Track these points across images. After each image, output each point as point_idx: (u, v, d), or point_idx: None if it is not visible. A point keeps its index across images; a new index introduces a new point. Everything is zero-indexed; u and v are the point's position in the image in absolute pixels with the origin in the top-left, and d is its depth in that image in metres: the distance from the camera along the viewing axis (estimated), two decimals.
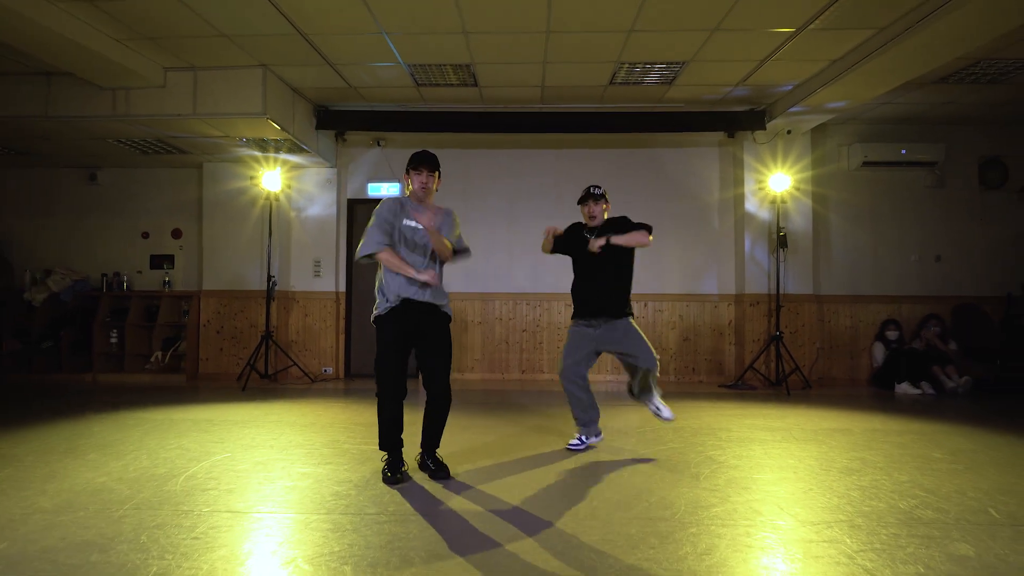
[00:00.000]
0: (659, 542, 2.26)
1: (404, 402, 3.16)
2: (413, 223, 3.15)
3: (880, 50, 4.83)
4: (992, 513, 2.63)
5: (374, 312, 3.20)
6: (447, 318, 3.23)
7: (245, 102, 5.68)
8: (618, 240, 3.55)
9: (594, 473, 3.26)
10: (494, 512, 2.61)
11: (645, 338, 3.71)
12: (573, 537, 2.32)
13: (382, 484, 3.01)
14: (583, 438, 3.80)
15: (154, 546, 2.19)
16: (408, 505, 2.69)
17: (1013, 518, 2.56)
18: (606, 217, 3.80)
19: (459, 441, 3.99)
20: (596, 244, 3.53)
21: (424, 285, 3.10)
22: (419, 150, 3.25)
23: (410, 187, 3.22)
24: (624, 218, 3.77)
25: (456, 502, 2.75)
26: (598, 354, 3.79)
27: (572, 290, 3.86)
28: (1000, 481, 3.12)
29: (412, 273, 3.05)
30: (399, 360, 3.10)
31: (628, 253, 3.73)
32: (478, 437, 4.16)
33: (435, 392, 3.15)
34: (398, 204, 3.20)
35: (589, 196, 3.77)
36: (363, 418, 4.81)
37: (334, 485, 2.98)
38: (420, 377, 3.20)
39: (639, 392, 3.87)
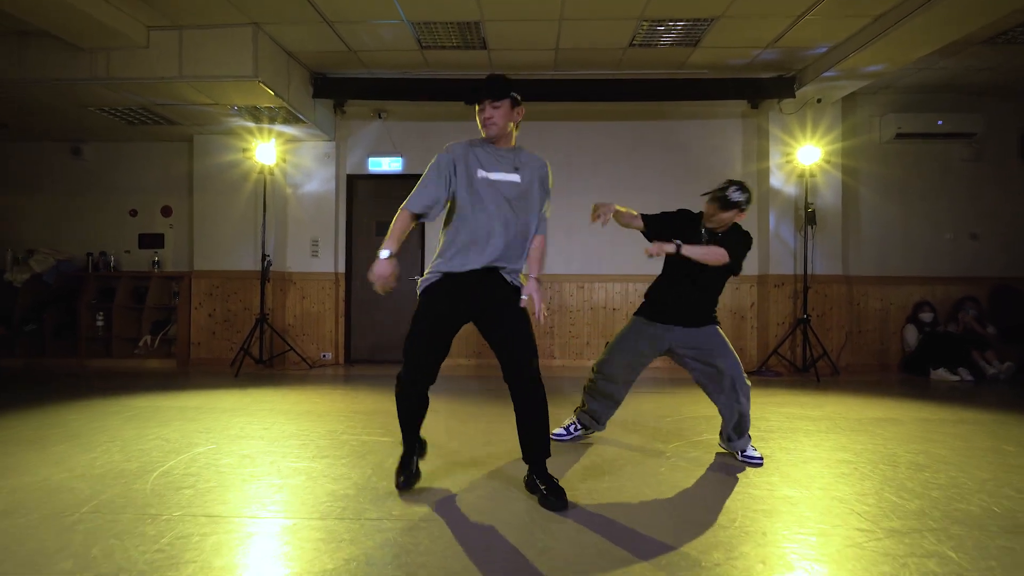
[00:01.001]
0: (724, 557, 1.86)
1: (430, 392, 2.52)
2: (494, 175, 2.42)
3: (931, 2, 4.36)
4: None
5: (419, 282, 2.48)
6: (514, 291, 2.46)
7: (234, 64, 5.23)
8: (689, 252, 2.76)
9: (628, 470, 2.86)
10: (516, 518, 2.21)
11: (732, 349, 3.02)
12: (615, 548, 1.92)
13: (386, 479, 2.61)
14: (572, 428, 3.36)
15: (106, 562, 1.79)
16: (416, 507, 2.29)
17: None
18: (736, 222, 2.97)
19: (470, 432, 3.60)
20: (663, 248, 2.75)
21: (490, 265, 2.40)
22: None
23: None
24: (734, 228, 2.99)
25: (470, 503, 2.35)
26: (663, 353, 3.12)
27: (651, 287, 3.20)
28: None
29: (383, 255, 2.33)
30: (435, 341, 2.41)
31: (719, 269, 2.92)
32: (492, 426, 3.76)
33: (517, 382, 2.39)
34: (465, 148, 2.45)
35: (728, 203, 2.85)
36: (363, 406, 4.42)
37: (329, 483, 2.58)
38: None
39: (735, 437, 3.06)
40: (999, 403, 4.78)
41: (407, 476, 2.49)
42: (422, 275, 2.49)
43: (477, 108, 2.44)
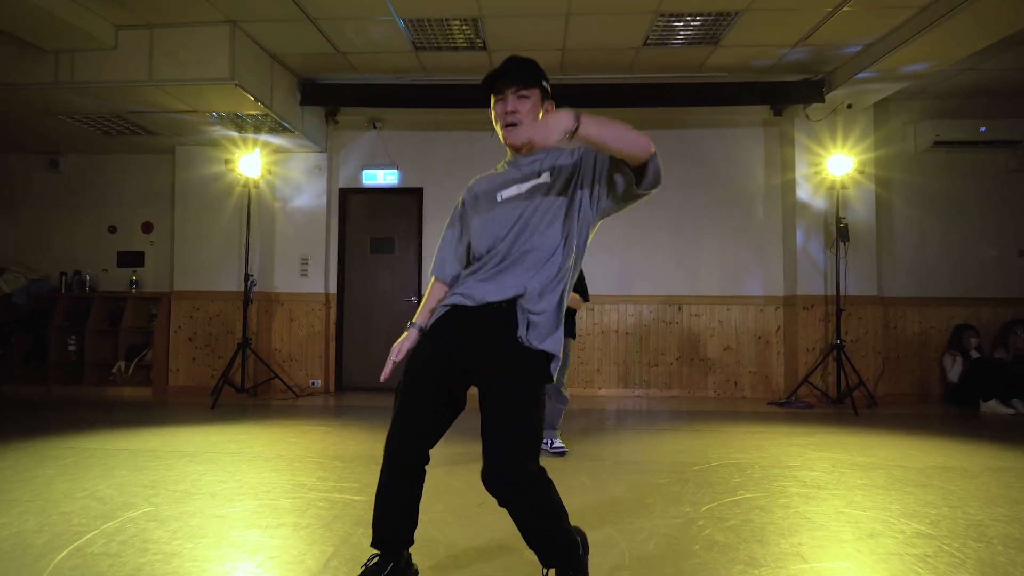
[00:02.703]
0: None
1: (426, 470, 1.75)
2: (508, 191, 1.79)
3: None
4: None
5: None
6: (523, 350, 1.67)
7: (209, 66, 4.78)
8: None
9: (652, 552, 2.29)
10: None
11: None
12: None
13: (344, 568, 2.06)
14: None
15: None
16: None
17: None
18: None
19: (458, 488, 3.04)
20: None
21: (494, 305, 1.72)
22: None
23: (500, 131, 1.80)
24: None
25: None
26: None
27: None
28: None
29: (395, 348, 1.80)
30: (425, 396, 1.68)
31: None
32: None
33: (488, 477, 1.56)
34: (475, 189, 1.88)
35: None
36: (344, 449, 3.88)
37: (278, 569, 2.04)
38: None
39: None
40: None
41: None
42: (418, 297, 1.92)
43: (493, 101, 1.79)
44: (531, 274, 1.70)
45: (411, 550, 1.84)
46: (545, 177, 1.77)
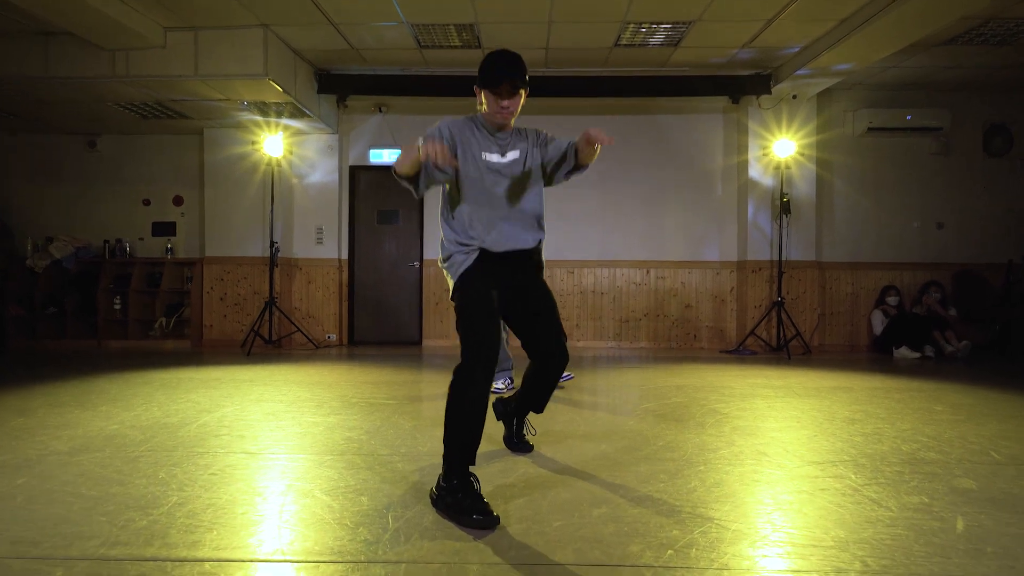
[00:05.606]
0: (668, 478, 2.31)
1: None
2: (496, 157, 2.23)
3: (888, 8, 4.77)
4: (994, 455, 2.67)
5: (446, 265, 2.24)
6: (538, 268, 2.34)
7: (246, 63, 5.62)
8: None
9: (602, 423, 3.30)
10: (504, 451, 2.65)
11: None
12: (587, 474, 2.36)
13: (392, 429, 3.04)
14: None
15: (172, 481, 2.23)
16: (419, 448, 2.73)
17: (1015, 459, 2.61)
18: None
19: None
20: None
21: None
22: (496, 55, 2.19)
23: (483, 107, 2.22)
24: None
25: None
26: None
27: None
28: (1001, 429, 3.17)
29: (418, 154, 2.05)
30: (493, 322, 2.11)
31: None
32: None
33: (551, 359, 2.28)
34: (469, 128, 2.25)
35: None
36: (369, 378, 4.86)
37: (345, 431, 3.02)
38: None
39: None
40: (949, 376, 5.24)
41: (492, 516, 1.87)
42: (420, 263, 2.67)
43: (489, 91, 2.16)
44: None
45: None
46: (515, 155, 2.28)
